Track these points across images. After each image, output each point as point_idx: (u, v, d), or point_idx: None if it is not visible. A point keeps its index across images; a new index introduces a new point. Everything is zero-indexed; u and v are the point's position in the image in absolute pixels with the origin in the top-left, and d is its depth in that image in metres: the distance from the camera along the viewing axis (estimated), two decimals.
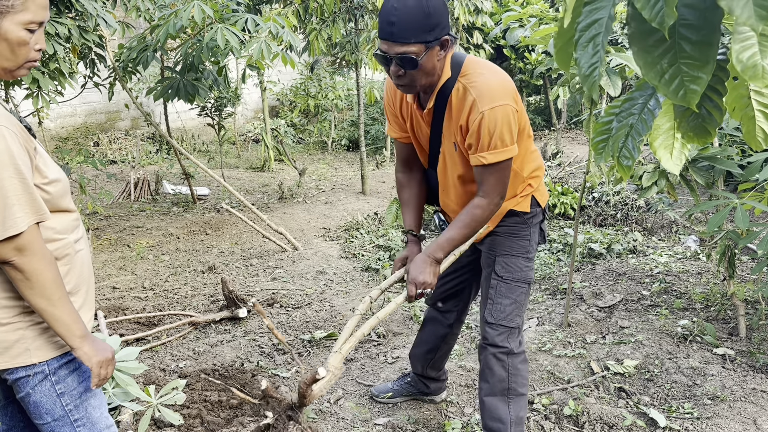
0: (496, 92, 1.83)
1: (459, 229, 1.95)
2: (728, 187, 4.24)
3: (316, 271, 4.50)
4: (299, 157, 9.50)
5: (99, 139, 9.29)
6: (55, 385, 1.48)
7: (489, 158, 1.85)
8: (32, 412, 1.49)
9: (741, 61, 0.93)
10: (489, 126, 1.81)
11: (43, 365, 1.45)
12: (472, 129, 1.84)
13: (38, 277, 1.34)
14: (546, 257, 4.58)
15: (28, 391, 1.46)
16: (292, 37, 4.53)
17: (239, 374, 2.91)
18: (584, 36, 1.00)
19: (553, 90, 3.68)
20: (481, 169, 1.89)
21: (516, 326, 2.11)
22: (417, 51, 1.75)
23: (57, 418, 1.49)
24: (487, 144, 1.83)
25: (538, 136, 10.86)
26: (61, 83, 4.50)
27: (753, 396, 2.61)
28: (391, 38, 1.74)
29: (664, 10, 0.84)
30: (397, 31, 1.72)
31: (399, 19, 1.71)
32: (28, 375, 1.44)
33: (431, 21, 1.72)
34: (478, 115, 1.82)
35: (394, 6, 1.71)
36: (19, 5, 1.33)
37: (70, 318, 1.40)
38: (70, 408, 1.50)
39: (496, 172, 1.88)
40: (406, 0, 1.70)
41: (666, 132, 1.23)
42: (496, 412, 2.12)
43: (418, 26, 1.72)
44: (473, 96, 1.83)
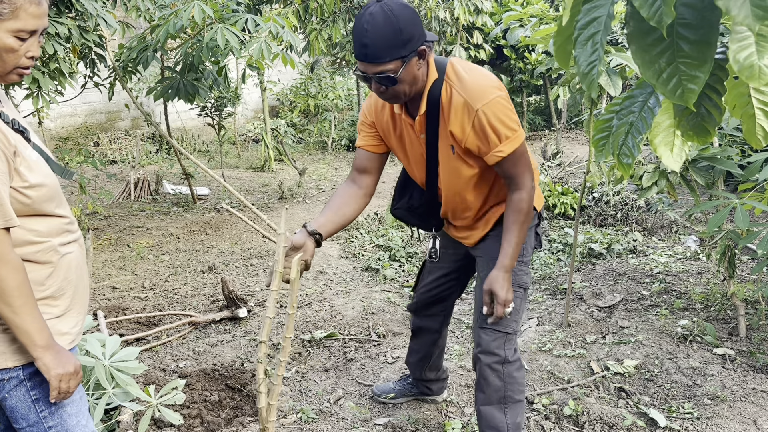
0: (483, 88, 1.84)
1: (516, 229, 1.91)
2: (728, 187, 4.24)
3: (316, 271, 4.50)
4: (299, 157, 9.50)
5: (99, 139, 9.29)
6: (30, 390, 1.46)
7: (506, 150, 1.84)
8: (9, 415, 1.48)
9: (738, 61, 0.93)
10: (490, 121, 1.82)
11: (18, 370, 1.43)
12: (476, 131, 1.84)
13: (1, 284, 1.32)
14: (546, 257, 4.58)
15: (4, 395, 1.45)
16: (292, 37, 4.53)
17: (239, 374, 2.91)
18: (583, 34, 1.00)
19: (553, 90, 3.68)
20: (502, 164, 1.87)
21: (512, 332, 2.07)
22: (394, 68, 1.75)
23: (31, 424, 1.48)
24: (497, 138, 1.83)
25: (538, 136, 10.86)
26: (61, 83, 4.50)
27: (753, 396, 2.60)
28: (366, 60, 1.75)
29: (663, 9, 0.84)
30: (371, 53, 1.73)
31: (371, 40, 1.71)
32: (2, 379, 1.43)
33: (403, 36, 1.73)
34: (473, 114, 1.82)
35: (365, 28, 1.71)
36: (8, 13, 1.32)
37: (32, 326, 1.36)
38: (44, 414, 1.48)
39: (517, 160, 1.87)
40: (375, 20, 1.70)
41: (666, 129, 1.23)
42: (493, 421, 2.11)
43: (391, 44, 1.72)
44: (463, 98, 1.84)
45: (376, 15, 1.70)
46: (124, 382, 2.36)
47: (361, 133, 2.11)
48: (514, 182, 1.90)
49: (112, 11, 4.69)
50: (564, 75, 3.42)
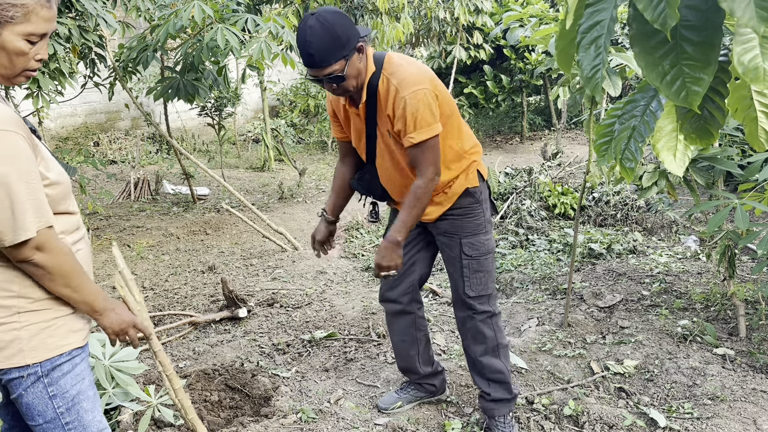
0: (414, 79, 2.08)
1: (408, 211, 2.17)
2: (728, 187, 4.24)
3: (316, 271, 4.50)
4: (299, 157, 9.49)
5: (99, 138, 9.29)
6: (48, 387, 1.47)
7: (417, 137, 2.07)
8: (25, 413, 1.49)
9: (742, 63, 0.93)
10: (412, 109, 2.05)
11: (36, 367, 1.45)
12: (398, 114, 2.08)
13: (59, 270, 1.41)
14: (546, 257, 4.58)
15: (21, 392, 1.46)
16: (292, 37, 4.53)
17: (239, 374, 2.91)
18: (586, 38, 1.00)
19: (553, 90, 3.68)
20: (412, 149, 2.12)
21: (492, 291, 2.40)
22: (340, 68, 2.01)
23: (48, 420, 1.49)
24: (413, 125, 2.07)
25: (538, 136, 10.87)
26: (61, 83, 4.50)
27: (753, 396, 2.61)
28: (315, 66, 2.00)
29: (667, 12, 0.84)
30: (318, 59, 1.98)
31: (315, 49, 1.97)
32: (21, 376, 1.44)
33: (342, 40, 1.98)
34: (401, 101, 2.06)
35: (308, 40, 1.96)
36: (20, 17, 1.34)
37: (90, 297, 1.49)
38: (61, 410, 1.49)
39: (427, 150, 2.10)
40: (315, 31, 1.95)
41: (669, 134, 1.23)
42: (494, 366, 2.42)
43: (333, 48, 1.97)
44: (395, 85, 2.09)
45: (314, 27, 1.95)
46: (124, 382, 2.36)
47: (332, 125, 2.45)
48: (419, 169, 2.14)
49: (112, 11, 4.68)
50: (564, 75, 3.42)
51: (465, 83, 9.66)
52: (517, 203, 5.57)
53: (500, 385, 2.43)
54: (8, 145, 1.32)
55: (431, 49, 9.75)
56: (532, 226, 5.22)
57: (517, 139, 10.81)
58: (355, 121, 2.29)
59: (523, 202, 5.56)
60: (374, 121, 2.22)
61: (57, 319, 1.48)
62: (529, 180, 5.92)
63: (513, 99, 10.34)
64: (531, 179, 5.92)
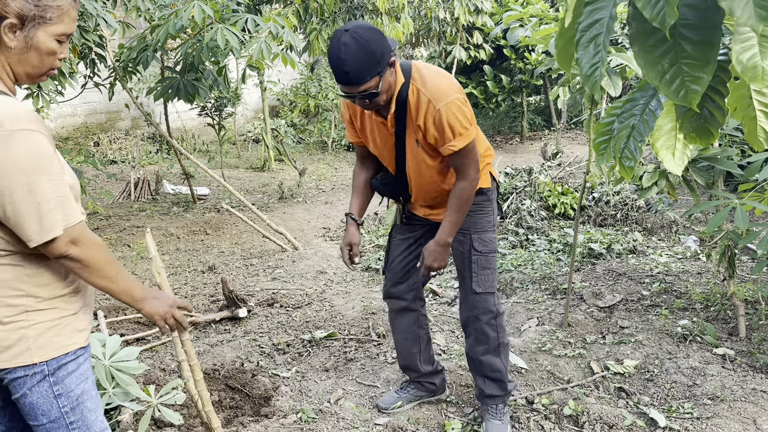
0: (445, 90, 2.12)
1: (457, 212, 2.23)
2: (728, 187, 4.24)
3: (316, 270, 4.50)
4: (299, 157, 9.50)
5: (99, 138, 9.29)
6: (53, 386, 1.47)
7: (458, 144, 2.13)
8: (27, 413, 1.49)
9: (741, 62, 0.93)
10: (449, 119, 2.10)
11: (42, 365, 1.45)
12: (435, 126, 2.12)
13: (95, 263, 1.43)
14: (546, 257, 4.58)
15: (25, 391, 1.45)
16: (292, 37, 4.53)
17: (239, 374, 2.91)
18: (585, 36, 1.00)
19: (553, 90, 3.68)
20: (453, 156, 2.17)
21: (496, 290, 2.47)
22: (374, 84, 2.01)
23: (53, 420, 1.49)
24: (452, 134, 2.12)
25: (538, 136, 10.87)
26: (61, 83, 4.50)
27: (753, 396, 2.61)
28: (349, 83, 1.99)
29: (665, 10, 0.84)
30: (353, 77, 1.97)
31: (350, 67, 1.95)
32: (26, 375, 1.44)
33: (376, 56, 1.97)
34: (436, 112, 2.10)
35: (342, 58, 1.94)
36: (56, 18, 1.37)
37: (129, 285, 1.52)
38: (66, 410, 1.49)
39: (467, 155, 2.17)
40: (350, 49, 1.93)
41: (668, 133, 1.22)
42: (494, 365, 2.46)
43: (369, 66, 1.97)
44: (427, 97, 2.11)
45: (349, 44, 1.93)
46: (124, 382, 2.36)
47: (347, 129, 2.43)
48: (462, 172, 2.20)
49: (112, 11, 4.69)
50: (564, 75, 3.42)
51: (465, 83, 9.66)
52: (517, 203, 5.56)
53: (496, 383, 2.48)
54: (33, 144, 1.33)
55: (431, 49, 9.76)
56: (532, 226, 5.22)
57: (517, 139, 10.81)
58: (379, 130, 2.29)
59: (523, 202, 5.56)
60: (403, 130, 2.23)
61: (63, 318, 1.48)
62: (529, 180, 5.92)
63: (513, 99, 10.34)
64: (531, 179, 5.92)
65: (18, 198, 1.32)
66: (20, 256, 1.42)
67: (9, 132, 1.30)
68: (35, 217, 1.34)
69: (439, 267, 2.30)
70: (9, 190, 1.32)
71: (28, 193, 1.32)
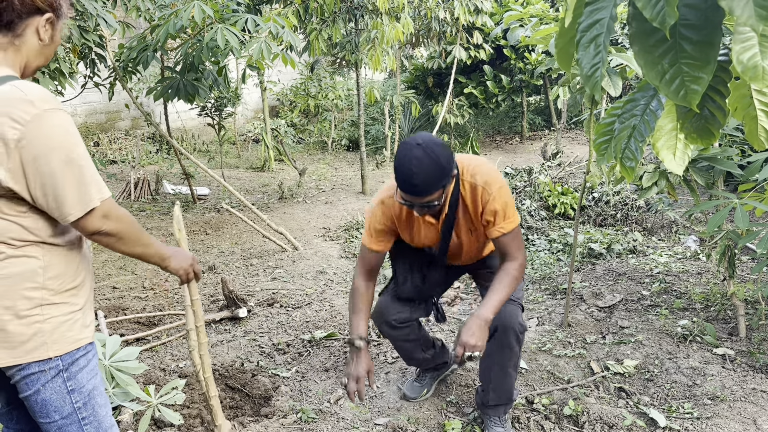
0: (495, 176, 2.20)
1: (504, 290, 2.18)
2: (728, 187, 4.24)
3: (316, 270, 4.50)
4: (299, 157, 9.50)
5: (99, 138, 9.29)
6: (67, 381, 1.47)
7: (507, 227, 2.18)
8: (39, 410, 1.47)
9: (741, 62, 0.93)
10: (501, 203, 2.17)
11: (57, 360, 1.44)
12: (489, 208, 2.17)
13: (128, 233, 1.50)
14: (546, 257, 4.58)
15: (38, 388, 1.44)
16: (292, 37, 4.53)
17: (239, 374, 2.91)
18: (586, 36, 1.00)
19: (553, 90, 3.68)
20: (502, 238, 2.20)
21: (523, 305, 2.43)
22: (438, 196, 2.03)
23: (65, 416, 1.48)
24: (503, 217, 2.18)
25: (538, 136, 10.86)
26: (61, 83, 4.50)
27: (753, 396, 2.61)
28: (415, 194, 2.01)
29: (666, 10, 0.84)
30: (421, 190, 1.99)
31: (420, 179, 1.96)
32: (41, 371, 1.43)
33: (445, 171, 2.00)
34: (490, 196, 2.16)
35: (413, 170, 1.96)
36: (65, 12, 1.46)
37: (159, 248, 1.63)
38: (78, 405, 1.49)
39: (515, 237, 2.21)
40: (422, 163, 1.95)
41: (668, 133, 1.22)
42: (510, 381, 2.41)
43: (437, 180, 1.99)
44: (481, 185, 2.17)
45: (422, 159, 1.95)
46: (124, 382, 2.36)
47: (377, 239, 2.34)
48: (510, 255, 2.22)
49: (112, 11, 4.68)
50: (564, 75, 3.42)
51: (465, 83, 9.66)
52: (516, 203, 5.57)
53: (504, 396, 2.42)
54: (64, 122, 1.37)
55: (431, 49, 9.75)
56: (532, 226, 5.22)
57: (517, 139, 10.81)
58: (426, 228, 2.30)
59: (523, 202, 5.56)
60: (451, 227, 2.28)
61: (73, 313, 1.48)
62: (529, 180, 5.92)
63: (513, 99, 10.34)
64: (531, 179, 5.92)
65: (58, 173, 1.35)
66: (37, 247, 1.42)
67: (42, 111, 1.34)
68: (75, 191, 1.37)
69: (476, 346, 2.09)
70: (48, 168, 1.34)
71: (66, 168, 1.35)
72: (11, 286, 1.38)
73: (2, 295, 1.38)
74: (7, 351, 1.39)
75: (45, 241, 1.42)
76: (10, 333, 1.39)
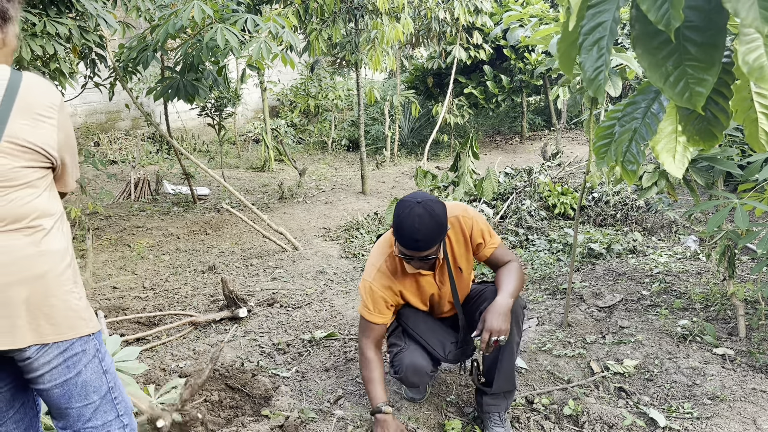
0: (465, 206, 2.41)
1: (514, 280, 2.31)
2: (728, 187, 4.24)
3: (316, 270, 4.50)
4: (299, 157, 9.50)
5: (99, 139, 9.29)
6: (102, 361, 1.48)
7: (496, 242, 2.39)
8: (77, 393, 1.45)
9: (747, 62, 0.93)
10: (482, 223, 2.38)
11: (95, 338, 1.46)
12: (476, 231, 2.36)
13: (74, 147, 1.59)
14: (546, 257, 4.58)
15: (81, 369, 1.43)
16: (292, 38, 4.53)
17: (239, 374, 2.91)
18: (588, 39, 1.00)
19: (553, 90, 3.68)
20: (496, 252, 2.39)
21: None
22: (436, 250, 2.18)
23: (103, 395, 1.48)
24: (489, 234, 2.39)
25: (538, 137, 10.87)
26: (61, 83, 4.50)
27: (753, 396, 2.61)
28: (417, 249, 2.14)
29: (670, 12, 0.84)
30: (423, 245, 2.13)
31: (422, 236, 2.11)
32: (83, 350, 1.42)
33: (443, 228, 2.15)
34: (471, 220, 2.35)
35: (416, 228, 2.10)
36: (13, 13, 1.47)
37: None
38: (111, 385, 1.50)
39: (504, 248, 2.41)
40: (423, 220, 2.10)
41: (668, 136, 1.22)
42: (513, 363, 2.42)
43: (437, 235, 2.14)
44: (460, 215, 2.35)
45: (423, 216, 2.10)
46: (124, 382, 2.36)
47: (381, 310, 2.39)
48: (505, 259, 2.38)
49: (113, 11, 4.68)
50: (564, 75, 3.42)
51: (465, 83, 9.67)
52: (517, 203, 5.57)
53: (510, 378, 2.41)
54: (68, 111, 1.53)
55: (431, 49, 9.75)
56: (532, 226, 5.23)
57: (517, 139, 10.82)
58: (427, 282, 2.41)
59: (523, 202, 5.57)
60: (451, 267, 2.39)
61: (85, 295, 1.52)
62: (529, 180, 5.92)
63: (513, 99, 10.34)
64: (531, 179, 5.92)
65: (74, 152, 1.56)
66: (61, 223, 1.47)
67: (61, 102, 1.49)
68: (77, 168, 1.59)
69: (501, 330, 2.15)
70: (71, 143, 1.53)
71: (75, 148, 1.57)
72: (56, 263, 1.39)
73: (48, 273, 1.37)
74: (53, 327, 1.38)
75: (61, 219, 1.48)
76: (55, 309, 1.38)
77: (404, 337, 2.51)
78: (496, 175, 5.82)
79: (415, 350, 2.45)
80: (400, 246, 2.18)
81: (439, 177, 6.11)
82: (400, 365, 2.42)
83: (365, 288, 2.36)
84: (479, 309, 2.40)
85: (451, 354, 2.49)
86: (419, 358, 2.43)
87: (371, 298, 2.35)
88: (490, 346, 2.17)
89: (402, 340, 2.50)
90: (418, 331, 2.48)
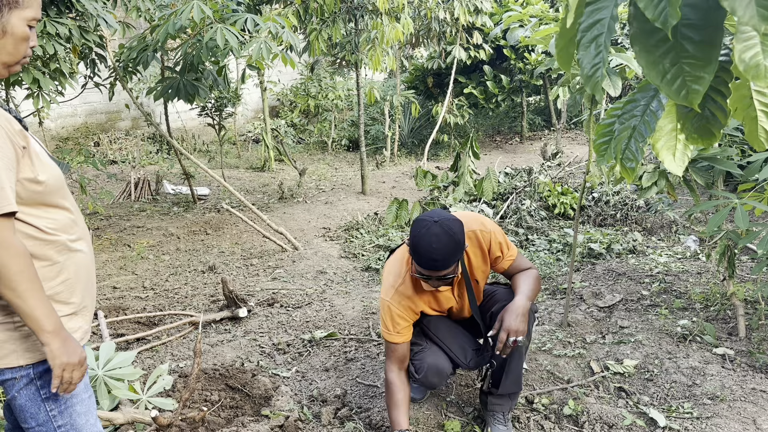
0: (482, 218, 2.37)
1: (531, 283, 2.31)
2: (728, 187, 4.24)
3: (316, 270, 4.50)
4: (299, 157, 9.50)
5: (99, 139, 9.29)
6: (40, 389, 1.45)
7: (513, 253, 2.39)
8: (18, 415, 1.48)
9: (743, 60, 0.93)
10: (500, 235, 2.35)
11: (29, 369, 1.43)
12: (494, 244, 2.34)
13: (3, 268, 1.29)
14: (546, 257, 4.58)
15: (14, 394, 1.44)
16: (292, 37, 4.53)
17: (239, 374, 2.91)
18: (586, 36, 1.00)
19: (553, 90, 3.68)
20: (514, 263, 2.38)
21: None
22: (453, 269, 2.14)
23: (41, 423, 1.47)
24: (507, 246, 2.37)
25: (538, 137, 10.87)
26: (61, 83, 4.50)
27: (753, 396, 2.61)
28: (435, 269, 2.11)
29: (668, 10, 0.84)
30: (441, 265, 2.09)
31: (441, 256, 2.07)
32: (14, 378, 1.42)
33: (461, 246, 2.11)
34: (490, 234, 2.33)
35: (434, 247, 2.06)
36: (25, 1, 1.37)
37: (39, 312, 1.34)
38: (54, 414, 1.47)
39: (521, 257, 2.41)
40: (441, 240, 2.06)
41: (668, 133, 1.22)
42: (521, 366, 2.44)
43: (455, 255, 2.10)
44: (477, 229, 2.32)
45: (440, 235, 2.07)
46: (114, 387, 2.34)
47: (400, 330, 2.35)
48: (524, 267, 2.38)
49: (113, 11, 4.69)
50: (564, 75, 3.42)
51: (465, 83, 9.67)
52: (516, 203, 5.57)
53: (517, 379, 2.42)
54: None
55: (431, 49, 9.76)
56: (532, 226, 5.22)
57: (516, 139, 10.82)
58: (445, 297, 2.40)
59: (523, 202, 5.56)
60: (469, 280, 2.37)
61: None
62: (529, 180, 5.92)
63: (513, 99, 10.34)
64: (531, 179, 5.92)
65: None
66: None
67: None
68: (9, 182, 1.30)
69: (519, 330, 2.15)
70: None
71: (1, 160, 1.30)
72: None
73: None
74: None
75: None
76: None
77: (425, 337, 2.49)
78: (496, 175, 5.82)
79: (436, 350, 2.43)
80: (417, 266, 2.14)
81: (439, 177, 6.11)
82: (422, 364, 2.38)
83: (384, 308, 2.33)
84: (491, 310, 2.40)
85: (472, 361, 2.47)
86: (441, 359, 2.41)
87: (390, 318, 2.31)
88: (508, 347, 2.15)
89: (423, 339, 2.47)
90: (440, 335, 2.45)
